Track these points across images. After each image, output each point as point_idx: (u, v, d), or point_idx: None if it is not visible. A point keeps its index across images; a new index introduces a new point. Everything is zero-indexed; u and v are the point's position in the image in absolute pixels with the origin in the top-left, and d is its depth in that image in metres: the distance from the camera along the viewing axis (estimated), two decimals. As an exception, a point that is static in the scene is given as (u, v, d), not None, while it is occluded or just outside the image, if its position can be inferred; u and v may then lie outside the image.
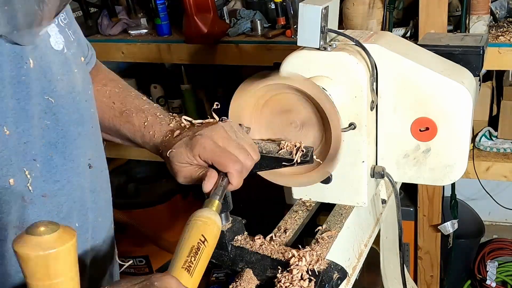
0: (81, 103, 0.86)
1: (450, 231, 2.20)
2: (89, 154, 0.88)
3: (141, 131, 0.98)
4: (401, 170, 1.10)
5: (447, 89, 1.00)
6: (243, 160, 0.87)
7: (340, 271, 0.88)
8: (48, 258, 0.55)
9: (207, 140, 0.86)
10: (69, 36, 0.87)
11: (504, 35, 1.87)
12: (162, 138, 0.95)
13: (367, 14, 1.94)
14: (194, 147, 0.86)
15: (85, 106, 0.88)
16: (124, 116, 1.00)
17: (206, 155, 0.86)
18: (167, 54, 2.30)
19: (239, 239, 0.96)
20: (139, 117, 0.99)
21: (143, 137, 0.98)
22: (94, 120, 0.92)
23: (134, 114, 0.99)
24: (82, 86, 0.88)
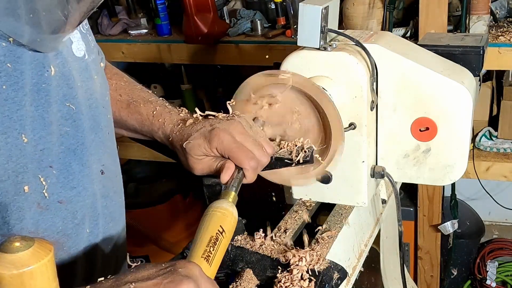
0: (98, 109, 0.87)
1: (450, 231, 2.20)
2: (103, 160, 0.88)
3: (149, 119, 0.98)
4: (401, 170, 1.10)
5: (447, 89, 1.00)
6: (259, 157, 0.88)
7: (340, 271, 0.88)
8: (23, 277, 0.52)
9: (225, 134, 0.87)
10: (90, 42, 0.88)
11: (504, 35, 1.87)
12: (172, 127, 0.95)
13: (367, 14, 1.94)
14: (212, 140, 0.87)
15: (102, 112, 0.88)
16: (131, 107, 1.00)
17: (224, 148, 0.86)
18: (167, 54, 2.31)
19: (239, 239, 0.96)
20: (147, 107, 0.99)
21: (152, 125, 0.98)
22: (110, 126, 0.92)
23: (141, 104, 1.00)
24: (100, 93, 0.88)
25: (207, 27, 2.13)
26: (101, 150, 0.88)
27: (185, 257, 0.94)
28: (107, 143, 0.90)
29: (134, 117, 1.00)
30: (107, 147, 0.90)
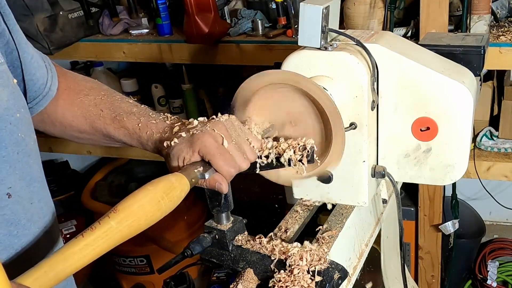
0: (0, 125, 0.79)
1: (451, 231, 2.20)
2: (8, 182, 0.80)
3: (136, 133, 0.96)
4: (402, 170, 1.10)
5: (448, 89, 1.00)
6: (239, 163, 0.87)
7: (341, 271, 0.88)
8: None
9: (208, 137, 0.86)
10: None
11: (505, 35, 1.86)
12: (160, 135, 0.94)
13: (368, 14, 1.94)
14: (194, 143, 0.86)
15: (8, 129, 0.80)
16: (115, 122, 0.98)
17: (206, 152, 0.85)
18: (168, 54, 2.30)
19: (240, 238, 0.96)
20: (131, 120, 0.97)
21: (140, 138, 0.96)
22: (22, 145, 0.83)
23: (125, 118, 0.97)
24: (6, 108, 0.80)
25: (208, 27, 2.13)
26: (5, 171, 0.80)
27: (186, 256, 0.95)
28: (15, 164, 0.81)
29: (121, 132, 0.98)
30: (15, 168, 0.81)
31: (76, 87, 1.04)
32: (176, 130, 0.92)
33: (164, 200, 0.76)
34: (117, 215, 0.72)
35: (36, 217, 0.87)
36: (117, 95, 1.04)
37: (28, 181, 0.85)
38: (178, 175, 0.81)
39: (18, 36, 0.92)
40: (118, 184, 2.91)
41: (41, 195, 0.89)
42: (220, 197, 0.92)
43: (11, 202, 0.81)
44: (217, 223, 0.96)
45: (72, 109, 1.02)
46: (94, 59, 2.57)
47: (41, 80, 0.97)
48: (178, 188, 0.79)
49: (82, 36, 2.42)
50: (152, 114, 0.99)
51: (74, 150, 2.75)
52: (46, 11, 2.26)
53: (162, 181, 0.78)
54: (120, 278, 2.94)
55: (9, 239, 0.81)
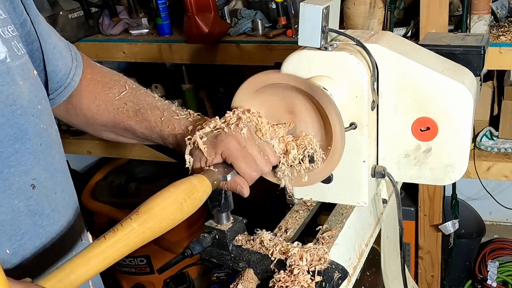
0: (22, 117, 0.80)
1: (451, 231, 2.20)
2: (32, 173, 0.81)
3: (158, 126, 0.97)
4: (402, 170, 1.10)
5: (448, 88, 1.00)
6: (261, 167, 0.87)
7: (341, 271, 0.88)
8: None
9: (232, 140, 0.86)
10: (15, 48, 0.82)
11: (505, 35, 1.87)
12: (182, 131, 0.94)
13: (368, 14, 1.94)
14: (218, 145, 0.86)
15: (30, 121, 0.81)
16: (138, 115, 0.98)
17: (229, 154, 0.86)
18: (168, 54, 2.31)
19: (240, 238, 0.96)
20: (154, 113, 0.97)
21: (161, 131, 0.96)
22: (44, 137, 0.85)
23: (148, 111, 0.98)
24: (29, 100, 0.81)
25: (208, 27, 2.13)
26: (30, 162, 0.81)
27: (186, 256, 0.95)
28: (39, 156, 0.83)
29: (143, 125, 0.98)
30: (39, 159, 0.83)
31: (102, 79, 1.04)
32: (199, 128, 0.91)
33: (186, 203, 0.76)
34: (139, 217, 0.72)
35: (60, 206, 0.88)
36: (141, 89, 1.05)
37: (52, 172, 0.86)
38: (200, 177, 0.81)
39: (39, 27, 0.92)
40: (118, 184, 2.91)
41: (64, 185, 0.90)
42: (220, 197, 0.92)
43: (35, 193, 0.82)
44: (217, 223, 0.96)
45: (96, 101, 1.02)
46: (94, 59, 2.55)
47: (64, 70, 0.98)
48: (200, 190, 0.79)
49: (82, 36, 2.42)
50: (175, 109, 0.99)
51: (74, 150, 2.76)
52: (46, 11, 2.26)
53: (184, 183, 0.78)
54: (120, 278, 2.94)
55: (34, 229, 0.82)
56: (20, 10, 0.87)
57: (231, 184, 0.87)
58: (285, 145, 0.94)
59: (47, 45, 0.93)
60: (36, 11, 0.92)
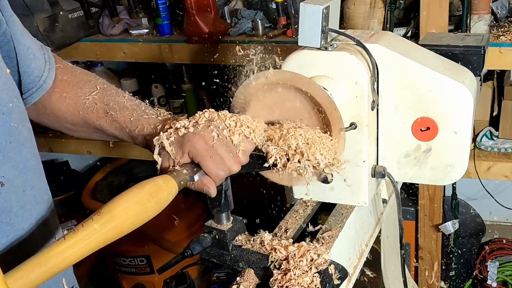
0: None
1: (451, 231, 2.20)
2: (1, 171, 0.82)
3: (127, 127, 0.96)
4: (402, 170, 1.10)
5: (448, 88, 1.01)
6: (229, 166, 0.87)
7: (341, 271, 0.88)
8: None
9: (199, 139, 0.85)
10: None
11: (505, 35, 1.86)
12: (151, 131, 0.93)
13: (368, 14, 1.94)
14: (184, 145, 0.86)
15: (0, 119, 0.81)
16: (108, 116, 0.98)
17: (195, 154, 0.85)
18: (168, 54, 2.31)
19: (240, 238, 0.96)
20: (123, 114, 0.97)
21: (131, 132, 0.96)
22: (15, 135, 0.85)
23: (118, 112, 0.97)
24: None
25: (208, 27, 2.13)
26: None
27: (186, 256, 0.95)
28: (8, 154, 0.83)
29: (113, 126, 0.98)
30: (7, 157, 0.83)
31: (72, 79, 1.04)
32: (167, 128, 0.91)
33: (150, 203, 0.75)
34: (101, 217, 0.72)
35: (28, 205, 0.88)
36: (112, 89, 1.04)
37: (21, 170, 0.86)
38: (166, 177, 0.81)
39: (13, 28, 0.92)
40: (118, 184, 2.91)
41: (34, 183, 0.90)
42: (220, 197, 0.92)
43: (4, 190, 0.82)
44: (217, 223, 0.96)
45: (66, 101, 1.02)
46: (94, 59, 2.57)
47: (36, 72, 0.98)
48: (165, 191, 0.79)
49: (82, 36, 2.42)
50: (145, 109, 0.98)
51: (74, 150, 2.76)
52: (46, 11, 2.26)
53: (149, 183, 0.78)
54: (120, 278, 2.94)
55: (1, 226, 0.83)
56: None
57: (198, 184, 0.86)
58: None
59: (20, 45, 0.94)
60: (11, 12, 0.92)
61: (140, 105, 1.00)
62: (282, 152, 0.92)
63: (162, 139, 0.88)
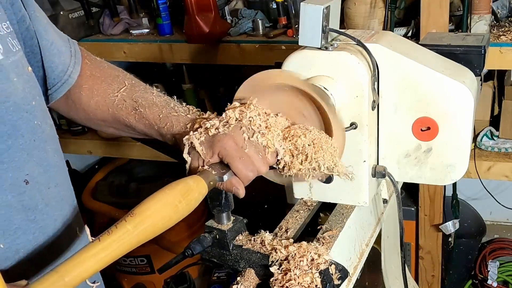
0: (16, 114, 0.80)
1: (451, 230, 2.20)
2: (25, 169, 0.82)
3: (156, 124, 0.96)
4: (402, 169, 1.10)
5: (449, 88, 1.00)
6: (258, 167, 0.87)
7: (341, 271, 0.88)
8: None
9: (229, 140, 0.86)
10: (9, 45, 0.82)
11: (505, 35, 1.87)
12: (181, 129, 0.94)
13: (368, 13, 1.94)
14: (214, 145, 0.86)
15: (24, 117, 0.82)
16: (137, 113, 0.98)
17: (226, 155, 0.86)
18: (168, 54, 2.31)
19: (240, 238, 0.96)
20: (152, 111, 0.97)
21: (160, 130, 0.96)
22: (38, 132, 0.85)
23: (147, 109, 0.98)
24: (22, 97, 0.82)
25: (209, 26, 2.13)
26: (23, 158, 0.81)
27: (186, 256, 0.95)
28: (32, 151, 0.83)
29: (141, 123, 0.98)
30: (32, 155, 0.83)
31: (101, 75, 1.04)
32: (197, 127, 0.91)
33: (181, 204, 0.75)
34: (133, 218, 0.72)
35: (53, 201, 0.88)
36: (141, 85, 1.04)
37: (45, 167, 0.87)
38: (196, 177, 0.81)
39: (36, 22, 0.92)
40: (119, 184, 2.91)
41: (58, 180, 0.90)
42: (220, 197, 0.92)
43: (28, 188, 0.82)
44: (218, 223, 0.96)
45: (95, 97, 1.02)
46: (94, 59, 2.57)
47: (61, 67, 0.98)
48: (196, 191, 0.79)
49: (82, 36, 2.42)
50: (174, 106, 0.99)
51: (75, 150, 2.76)
52: (46, 10, 2.25)
53: (180, 184, 0.78)
54: (121, 277, 2.94)
55: (27, 223, 0.83)
56: (18, 6, 0.88)
57: (227, 184, 0.87)
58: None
59: (43, 41, 0.94)
60: (35, 7, 0.93)
61: (169, 102, 1.00)
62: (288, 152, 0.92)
63: (192, 138, 0.88)
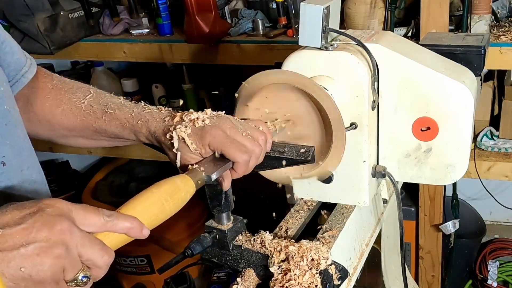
0: None
1: (451, 230, 2.20)
2: (2, 151, 0.85)
3: (129, 122, 0.96)
4: (402, 169, 1.10)
5: (449, 88, 1.00)
6: (251, 148, 0.87)
7: (341, 271, 0.88)
8: None
9: (217, 130, 0.87)
10: None
11: (505, 35, 1.86)
12: (156, 123, 0.93)
13: (368, 13, 1.94)
14: (204, 137, 0.87)
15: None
16: (107, 115, 0.98)
17: (216, 144, 0.86)
18: (168, 54, 2.31)
19: (240, 238, 0.96)
20: (123, 111, 0.97)
21: (134, 126, 0.95)
22: (8, 117, 0.87)
23: (117, 110, 0.98)
24: None
25: (209, 26, 2.13)
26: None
27: (186, 256, 0.95)
28: (5, 135, 0.86)
29: (113, 124, 0.98)
30: (6, 138, 0.86)
31: (63, 86, 1.04)
32: (177, 120, 0.91)
33: (168, 203, 0.76)
34: None
35: (27, 183, 0.90)
36: (106, 93, 1.04)
37: (17, 150, 0.88)
38: (184, 177, 0.81)
39: None
40: (119, 184, 2.92)
41: (29, 163, 0.92)
42: (220, 197, 0.92)
43: (6, 170, 0.85)
44: (218, 223, 0.96)
45: (60, 107, 1.02)
46: (94, 59, 2.58)
47: (13, 66, 0.98)
48: (183, 190, 0.79)
49: (82, 36, 2.42)
50: (145, 105, 0.99)
51: (75, 150, 2.76)
52: (46, 11, 2.26)
53: (167, 183, 0.78)
54: (121, 278, 2.94)
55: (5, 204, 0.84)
56: None
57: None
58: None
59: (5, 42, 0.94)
60: None
61: (138, 104, 1.00)
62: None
63: (179, 132, 0.88)
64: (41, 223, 0.61)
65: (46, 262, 0.61)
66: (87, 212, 0.68)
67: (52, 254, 0.61)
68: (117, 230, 0.69)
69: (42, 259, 0.60)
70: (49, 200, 0.66)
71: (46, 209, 0.63)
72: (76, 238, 0.64)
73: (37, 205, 0.64)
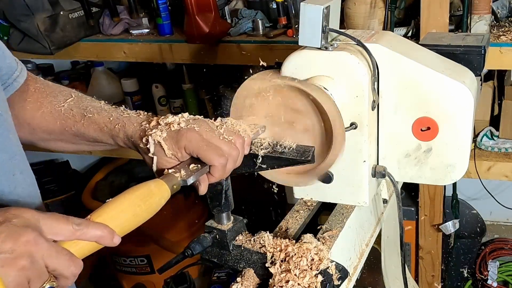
0: None
1: (451, 230, 2.20)
2: None
3: (107, 126, 0.95)
4: (402, 169, 1.10)
5: (449, 88, 1.01)
6: (228, 151, 0.86)
7: (341, 271, 0.88)
8: None
9: (193, 133, 0.86)
10: None
11: (505, 35, 1.86)
12: (133, 128, 0.93)
13: (368, 13, 1.94)
14: (179, 140, 0.86)
15: None
16: (86, 119, 0.97)
17: (192, 148, 0.85)
18: (168, 54, 2.31)
19: (240, 238, 0.96)
20: (102, 115, 0.97)
21: (111, 130, 0.95)
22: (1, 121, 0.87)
23: (96, 114, 0.97)
24: None
25: (209, 26, 2.13)
26: None
27: (186, 256, 0.95)
28: None
29: (91, 128, 0.97)
30: None
31: (46, 89, 1.04)
32: (153, 125, 0.90)
33: (140, 207, 0.75)
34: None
35: (19, 188, 0.89)
36: (87, 97, 1.04)
37: (10, 154, 0.88)
38: (158, 181, 0.81)
39: None
40: (119, 184, 2.92)
41: (22, 167, 0.91)
42: (220, 197, 0.92)
43: None
44: (218, 223, 0.96)
45: (41, 109, 1.02)
46: (94, 59, 2.58)
47: (5, 70, 0.98)
48: (158, 195, 0.79)
49: (82, 36, 2.42)
50: (124, 110, 0.98)
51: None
52: (46, 11, 2.26)
53: (140, 188, 0.78)
54: (121, 278, 2.94)
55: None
56: None
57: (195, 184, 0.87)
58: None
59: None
60: None
61: (118, 108, 0.99)
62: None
63: (155, 136, 0.87)
64: (6, 234, 0.61)
65: (10, 274, 0.61)
66: (55, 221, 0.67)
67: (17, 266, 0.61)
68: (87, 238, 0.69)
69: (6, 271, 0.61)
70: (16, 209, 0.65)
71: (12, 219, 0.63)
72: (42, 249, 0.64)
73: (4, 215, 0.64)
